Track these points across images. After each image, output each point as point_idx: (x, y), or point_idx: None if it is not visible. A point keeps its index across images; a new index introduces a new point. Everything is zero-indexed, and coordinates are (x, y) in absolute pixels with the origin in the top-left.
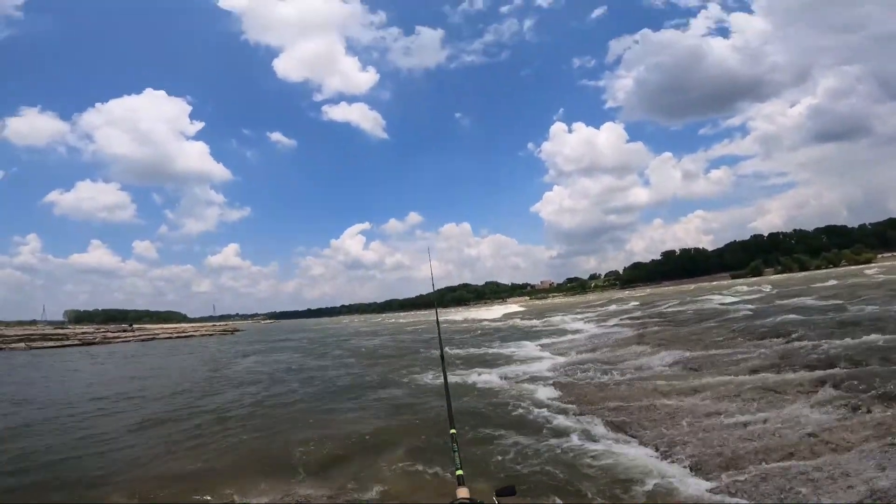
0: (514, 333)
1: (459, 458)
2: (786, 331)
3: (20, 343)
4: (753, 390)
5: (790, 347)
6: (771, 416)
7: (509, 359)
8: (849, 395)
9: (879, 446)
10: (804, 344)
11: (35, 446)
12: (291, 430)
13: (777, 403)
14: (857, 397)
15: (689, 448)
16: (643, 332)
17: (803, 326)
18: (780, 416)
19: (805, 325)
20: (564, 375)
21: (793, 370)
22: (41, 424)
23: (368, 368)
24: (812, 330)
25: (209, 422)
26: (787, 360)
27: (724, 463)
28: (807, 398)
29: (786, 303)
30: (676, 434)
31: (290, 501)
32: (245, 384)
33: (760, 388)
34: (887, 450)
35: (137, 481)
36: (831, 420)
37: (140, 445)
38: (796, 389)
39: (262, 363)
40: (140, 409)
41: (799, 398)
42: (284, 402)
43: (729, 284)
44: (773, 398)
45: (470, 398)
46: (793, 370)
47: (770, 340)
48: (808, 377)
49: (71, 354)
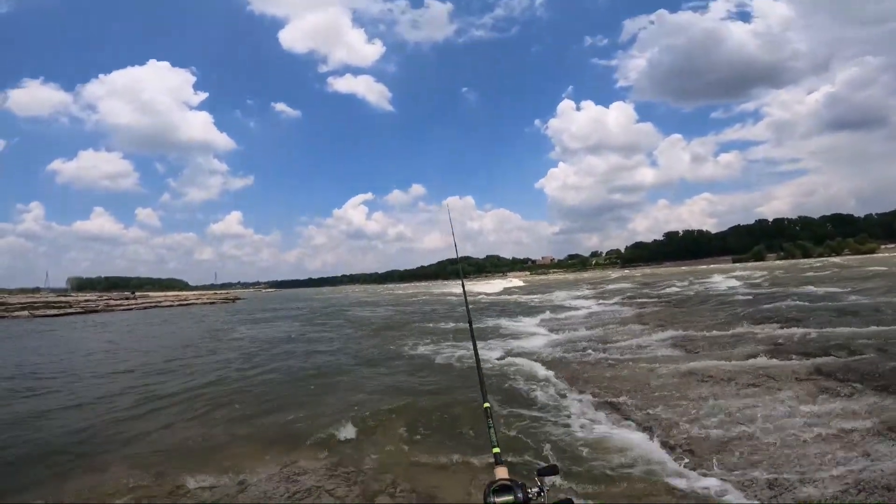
0: (512, 308)
1: (496, 434)
2: (784, 317)
3: (23, 311)
4: (748, 375)
5: (787, 333)
6: (764, 402)
7: (506, 333)
8: (843, 383)
9: (869, 435)
10: (802, 331)
11: (33, 417)
12: (291, 401)
13: (771, 389)
14: (851, 386)
15: (681, 430)
16: (642, 312)
17: (802, 313)
18: (773, 401)
19: (803, 312)
20: (561, 352)
21: (789, 356)
22: (42, 396)
23: (369, 339)
24: (810, 317)
25: (209, 393)
26: (784, 345)
27: (715, 447)
28: (801, 385)
29: (785, 289)
30: (669, 416)
31: (289, 473)
32: (246, 354)
33: (755, 373)
34: (876, 439)
35: (137, 454)
36: (824, 408)
37: (140, 417)
38: (791, 376)
39: (263, 332)
40: (141, 380)
41: (793, 385)
42: (284, 373)
43: (730, 268)
44: (768, 383)
45: (464, 371)
46: (789, 356)
47: (768, 325)
48: (803, 364)
49: (74, 322)
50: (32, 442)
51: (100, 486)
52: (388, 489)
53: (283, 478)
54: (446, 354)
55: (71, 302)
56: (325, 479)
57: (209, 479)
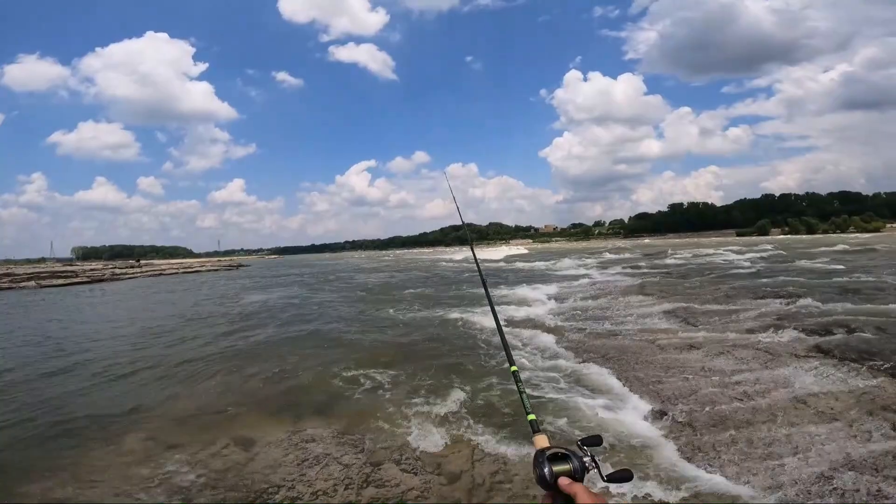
0: (515, 276)
1: (528, 400)
2: (786, 292)
3: (30, 281)
4: (748, 350)
5: (788, 310)
6: (762, 377)
7: (510, 300)
8: (840, 362)
9: (862, 415)
10: (802, 307)
11: (50, 386)
12: (298, 369)
13: (770, 365)
14: (848, 365)
15: (679, 404)
16: (644, 283)
17: (803, 289)
18: (770, 377)
19: (805, 288)
20: (564, 320)
21: (789, 332)
22: (60, 367)
23: (372, 304)
24: (811, 293)
25: (218, 361)
26: (785, 321)
27: (713, 421)
28: (799, 362)
29: (788, 264)
30: (669, 389)
31: (298, 440)
32: (251, 320)
33: (755, 348)
34: (869, 418)
35: (148, 421)
36: (820, 386)
37: (151, 385)
38: (790, 352)
39: (268, 298)
40: (152, 348)
41: (792, 361)
42: (290, 339)
43: (733, 241)
44: (767, 359)
45: (467, 337)
46: (789, 332)
47: (769, 300)
48: (803, 340)
49: (81, 291)
50: (55, 412)
51: (116, 458)
52: (394, 456)
53: (292, 445)
54: (453, 319)
55: (77, 272)
56: (332, 447)
57: (220, 448)
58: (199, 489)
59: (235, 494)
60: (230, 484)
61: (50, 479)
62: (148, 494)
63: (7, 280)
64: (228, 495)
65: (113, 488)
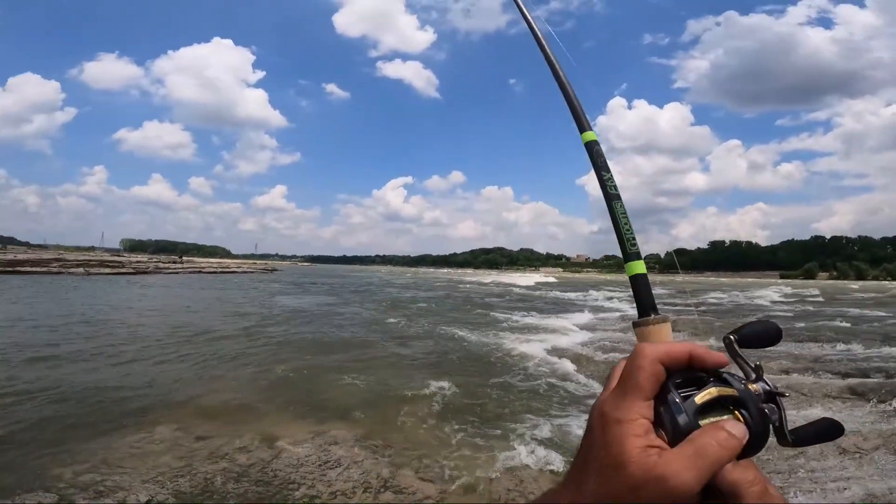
0: (544, 304)
1: None
2: (826, 337)
3: (79, 268)
4: (779, 387)
5: (827, 353)
6: (789, 415)
7: (537, 329)
8: (874, 404)
9: (888, 454)
10: (842, 351)
11: (90, 370)
12: (327, 371)
13: (800, 404)
14: (882, 407)
15: None
16: (676, 320)
17: (845, 334)
18: (798, 416)
19: (846, 334)
20: (591, 350)
21: (824, 375)
22: (94, 343)
23: (398, 317)
24: (853, 339)
25: (249, 357)
26: (821, 364)
27: None
28: (831, 402)
29: (832, 309)
30: None
31: (321, 442)
32: (285, 322)
33: (786, 388)
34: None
35: (179, 412)
36: (849, 426)
37: (183, 377)
38: (823, 393)
39: (301, 302)
40: (189, 342)
41: (823, 402)
42: (320, 343)
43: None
44: (797, 399)
45: (497, 364)
46: (824, 375)
47: (808, 344)
48: (837, 383)
49: (126, 282)
50: (94, 395)
51: (147, 446)
52: (413, 464)
53: (315, 445)
54: (476, 340)
55: (123, 262)
56: (354, 450)
57: (246, 442)
58: (224, 482)
59: (257, 489)
60: (253, 478)
61: (82, 462)
62: (174, 483)
63: (57, 265)
64: (251, 489)
65: (141, 475)
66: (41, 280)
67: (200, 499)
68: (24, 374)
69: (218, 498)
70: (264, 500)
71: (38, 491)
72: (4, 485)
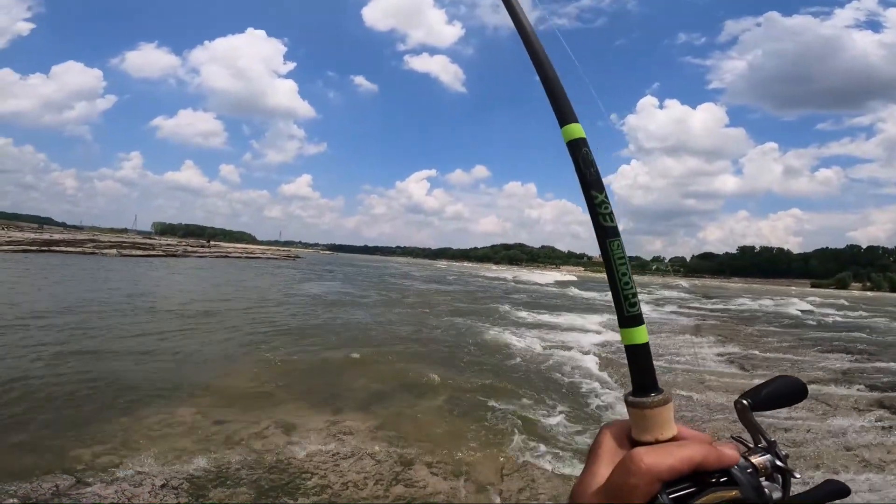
0: (564, 302)
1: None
2: (857, 349)
3: (112, 249)
4: (805, 398)
5: (855, 366)
6: (815, 427)
7: (556, 327)
8: None
9: None
10: (872, 364)
11: (110, 353)
12: (342, 361)
13: (825, 416)
14: None
15: None
16: (700, 325)
17: (876, 346)
18: (823, 427)
19: (878, 346)
20: (610, 353)
21: (851, 387)
22: (107, 331)
23: (417, 309)
24: (885, 351)
25: (268, 343)
26: (849, 376)
27: None
28: (857, 415)
29: (866, 321)
30: (711, 429)
31: (335, 431)
32: (306, 309)
33: (812, 398)
34: None
35: (199, 396)
36: (873, 439)
37: (206, 360)
38: (849, 405)
39: (323, 289)
40: (203, 327)
41: (849, 414)
42: (339, 333)
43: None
44: (823, 410)
45: (513, 360)
46: (851, 387)
47: (838, 355)
48: (864, 395)
49: (156, 263)
50: (118, 376)
51: (165, 429)
52: (426, 458)
53: (330, 435)
54: (492, 335)
55: (154, 244)
56: (367, 442)
57: (262, 429)
58: (238, 467)
59: (270, 476)
60: (267, 465)
61: (102, 443)
62: (190, 466)
63: (91, 245)
64: (264, 476)
65: (158, 457)
66: (75, 260)
67: (214, 484)
68: (49, 356)
69: (231, 484)
70: (277, 487)
71: (56, 472)
72: (24, 465)
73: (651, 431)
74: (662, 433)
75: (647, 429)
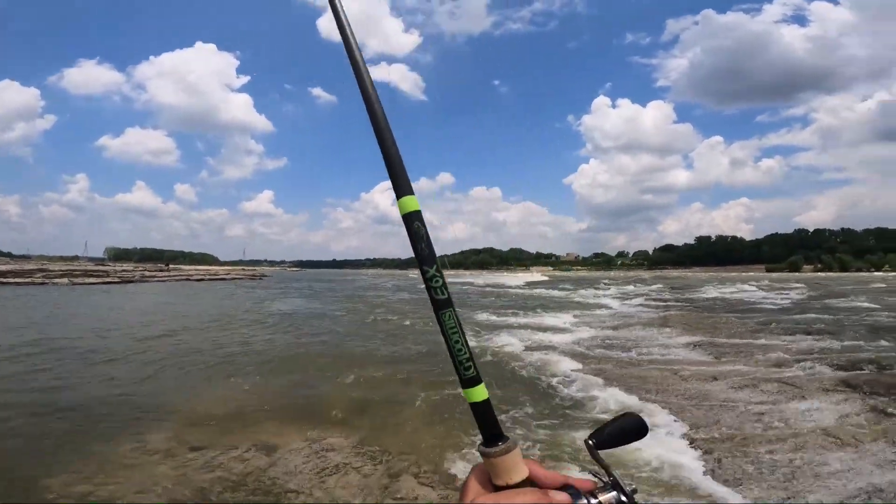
0: (536, 302)
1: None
2: (816, 329)
3: (63, 278)
4: (773, 382)
5: (817, 346)
6: (787, 409)
7: (530, 327)
8: (868, 397)
9: (888, 446)
10: (832, 344)
11: (85, 379)
12: (319, 378)
13: (794, 397)
14: (877, 399)
15: (702, 431)
16: (667, 315)
17: (834, 326)
18: (796, 409)
19: (836, 326)
20: (587, 349)
21: (816, 367)
22: (74, 360)
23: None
24: (842, 330)
25: (241, 364)
26: (812, 357)
27: (735, 449)
28: (826, 395)
29: (820, 302)
30: (692, 417)
31: (318, 448)
32: (273, 328)
33: (780, 381)
34: (894, 450)
35: (173, 421)
36: (845, 418)
37: (177, 384)
38: (816, 386)
39: (289, 307)
40: (173, 350)
41: (818, 395)
42: (311, 347)
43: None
44: (793, 392)
45: (495, 362)
46: (816, 367)
47: (797, 336)
48: (830, 375)
49: (113, 291)
50: (88, 403)
51: (142, 455)
52: (412, 469)
53: (312, 452)
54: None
55: (109, 271)
56: (351, 457)
57: (241, 451)
58: (220, 491)
59: (255, 499)
60: (250, 488)
61: (73, 472)
62: (169, 494)
63: (41, 275)
64: (248, 499)
65: (135, 485)
66: (25, 292)
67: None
68: (14, 385)
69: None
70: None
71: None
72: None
73: (502, 476)
74: (511, 477)
75: (498, 474)
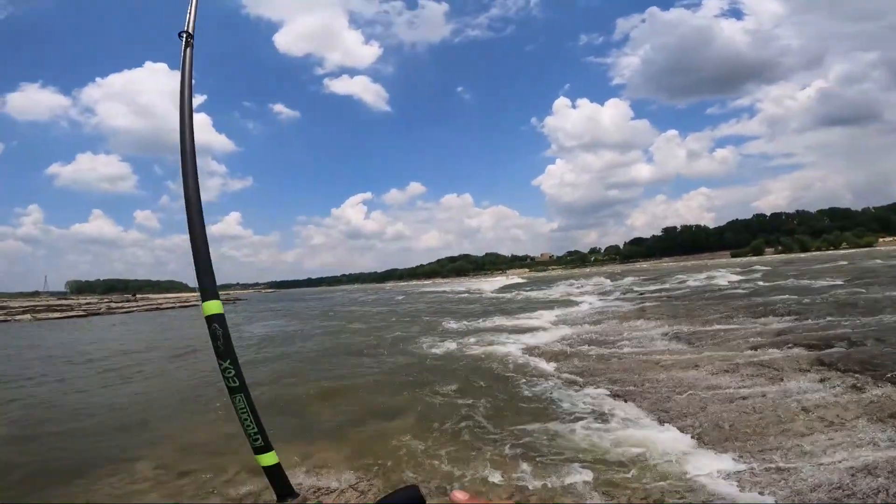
0: (514, 305)
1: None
2: (785, 310)
3: (25, 315)
4: (752, 366)
5: (788, 326)
6: (769, 392)
7: (511, 329)
8: (844, 374)
9: (872, 423)
10: (803, 323)
11: (64, 411)
12: (304, 395)
13: (774, 380)
14: (853, 376)
15: (690, 419)
16: (644, 307)
17: (802, 306)
18: (777, 391)
19: (804, 305)
20: (567, 346)
21: (791, 348)
22: (56, 395)
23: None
24: (811, 309)
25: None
26: (786, 337)
27: (725, 435)
28: (804, 375)
29: (786, 283)
30: (678, 406)
31: (309, 466)
32: (252, 350)
33: (758, 364)
34: (880, 426)
35: (158, 448)
36: (826, 397)
37: (156, 415)
38: (794, 367)
39: (267, 329)
40: (153, 376)
41: (796, 375)
42: (291, 369)
43: (729, 262)
44: (771, 374)
45: (477, 366)
46: (791, 348)
47: (769, 318)
48: (805, 355)
49: (78, 325)
50: (69, 437)
51: (129, 485)
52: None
53: (306, 472)
54: (450, 348)
55: (73, 305)
56: (345, 473)
57: (232, 474)
58: None
59: None
60: None
61: None
62: None
63: (2, 313)
64: None
65: None
66: None
67: None
68: None
69: None
70: None
71: None
72: None
73: None
74: None
75: None
